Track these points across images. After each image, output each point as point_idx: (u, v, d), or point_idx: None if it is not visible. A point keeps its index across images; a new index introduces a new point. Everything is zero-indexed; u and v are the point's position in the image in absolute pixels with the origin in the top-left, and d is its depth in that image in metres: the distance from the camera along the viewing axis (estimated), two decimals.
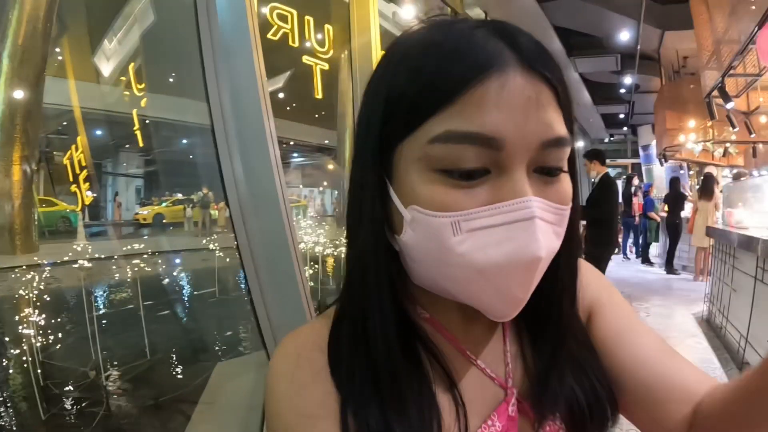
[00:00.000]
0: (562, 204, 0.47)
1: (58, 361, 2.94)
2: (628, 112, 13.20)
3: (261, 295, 2.65)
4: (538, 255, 0.42)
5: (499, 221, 0.43)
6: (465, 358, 0.54)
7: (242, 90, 2.43)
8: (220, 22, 2.37)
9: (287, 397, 0.49)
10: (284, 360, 0.51)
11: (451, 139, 0.43)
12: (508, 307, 0.45)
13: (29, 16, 3.24)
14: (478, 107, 0.42)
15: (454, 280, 0.46)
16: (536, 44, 0.46)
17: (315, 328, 0.54)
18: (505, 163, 0.43)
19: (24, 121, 3.32)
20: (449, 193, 0.44)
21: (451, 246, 0.44)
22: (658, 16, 7.20)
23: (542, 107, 0.44)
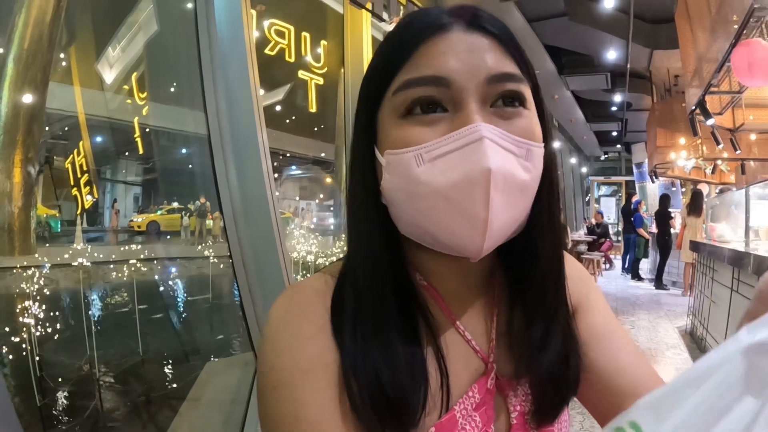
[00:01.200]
0: (526, 138, 0.49)
1: (52, 356, 3.00)
2: (621, 130, 13.34)
3: (251, 298, 2.76)
4: (487, 167, 0.45)
5: (453, 147, 0.47)
6: (455, 328, 0.55)
7: (238, 102, 2.55)
8: (218, 37, 2.50)
9: (286, 349, 0.50)
10: (287, 312, 0.53)
11: (408, 86, 0.49)
12: (475, 231, 0.46)
13: (35, 21, 3.28)
14: (427, 58, 0.49)
15: (424, 212, 0.49)
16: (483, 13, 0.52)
17: (316, 284, 0.55)
18: (457, 99, 0.48)
19: (27, 125, 3.33)
20: (412, 130, 0.49)
21: (416, 176, 0.48)
22: (646, 35, 7.33)
23: (485, 51, 0.49)
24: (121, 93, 4.49)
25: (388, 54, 0.52)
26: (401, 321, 0.51)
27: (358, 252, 0.55)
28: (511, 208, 0.48)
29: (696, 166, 9.33)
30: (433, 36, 0.50)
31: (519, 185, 0.48)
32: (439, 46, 0.49)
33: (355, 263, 0.54)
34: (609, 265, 11.61)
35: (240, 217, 2.64)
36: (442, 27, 0.50)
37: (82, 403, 2.73)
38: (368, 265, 0.53)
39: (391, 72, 0.51)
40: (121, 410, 2.81)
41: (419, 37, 0.50)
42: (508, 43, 0.51)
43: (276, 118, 7.19)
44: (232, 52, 2.53)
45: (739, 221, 4.91)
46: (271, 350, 0.50)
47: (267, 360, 0.50)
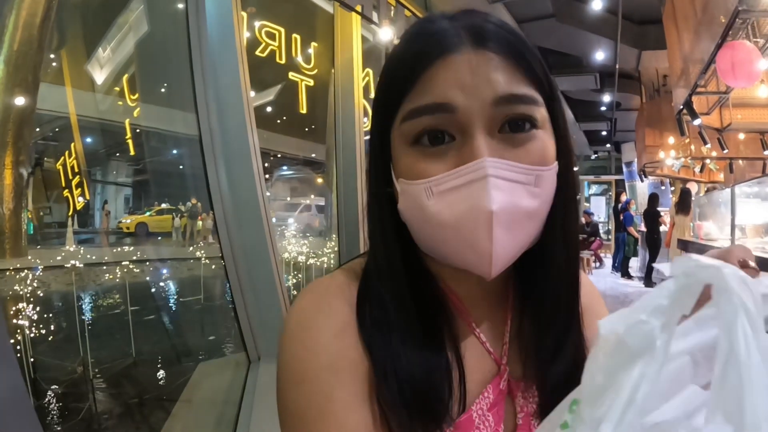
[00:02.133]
0: (535, 164, 0.49)
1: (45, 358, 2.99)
2: (610, 130, 13.43)
3: (242, 299, 2.77)
4: (489, 209, 0.46)
5: (460, 183, 0.47)
6: (470, 329, 0.57)
7: (228, 104, 2.56)
8: (209, 39, 2.51)
9: (312, 345, 0.50)
10: (312, 308, 0.53)
11: (414, 115, 0.49)
12: (482, 259, 0.48)
13: (25, 23, 3.25)
14: (430, 84, 0.48)
15: (437, 239, 0.50)
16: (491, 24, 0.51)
17: (340, 280, 0.56)
18: (464, 126, 0.48)
19: (17, 126, 3.30)
20: (421, 162, 0.49)
21: (427, 207, 0.49)
22: (634, 36, 7.40)
23: (492, 71, 0.48)
24: (112, 94, 4.48)
25: (393, 78, 0.52)
26: (424, 324, 0.53)
27: (379, 261, 0.56)
28: (518, 236, 0.49)
29: (685, 165, 9.42)
30: (438, 58, 0.49)
31: (525, 214, 0.49)
32: (443, 69, 0.48)
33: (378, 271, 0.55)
34: (599, 263, 11.69)
35: (231, 219, 2.65)
36: (448, 47, 0.49)
37: (75, 405, 2.73)
38: (390, 276, 0.54)
39: (398, 99, 0.51)
40: (115, 412, 2.81)
41: (423, 60, 0.49)
42: (519, 58, 0.50)
43: (266, 118, 7.18)
44: (223, 54, 2.55)
45: (726, 219, 4.98)
46: (296, 345, 0.51)
47: (291, 355, 0.50)
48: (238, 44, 2.54)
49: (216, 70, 2.60)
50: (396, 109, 0.51)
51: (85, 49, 4.36)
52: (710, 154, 8.53)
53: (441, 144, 0.49)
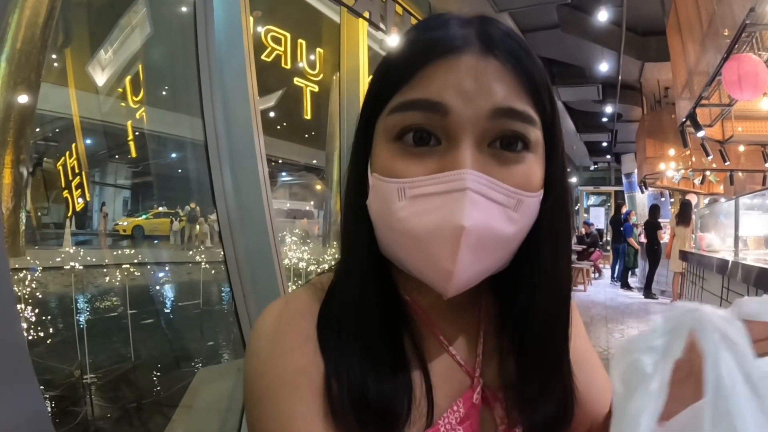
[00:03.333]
0: (519, 187, 0.46)
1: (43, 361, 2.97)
2: (611, 141, 13.48)
3: (245, 304, 2.75)
4: (461, 224, 0.42)
5: (436, 190, 0.44)
6: (438, 342, 0.54)
7: (235, 109, 2.55)
8: (217, 43, 2.50)
9: (271, 362, 0.49)
10: (273, 323, 0.52)
11: (403, 107, 0.46)
12: (440, 278, 0.45)
13: (28, 22, 3.25)
14: (428, 80, 0.45)
15: (399, 246, 0.48)
16: (502, 32, 0.48)
17: (305, 296, 0.55)
18: (453, 132, 0.45)
19: (17, 125, 3.30)
20: (400, 160, 0.46)
21: (395, 210, 0.46)
22: (638, 47, 7.43)
23: (494, 81, 0.45)
24: (115, 96, 4.47)
25: (392, 67, 0.49)
26: (386, 334, 0.50)
27: (346, 264, 0.54)
28: (484, 261, 0.46)
29: (685, 176, 9.44)
30: (440, 57, 0.46)
31: (497, 239, 0.46)
32: (445, 69, 0.46)
33: (343, 276, 0.54)
34: (598, 274, 11.70)
35: (235, 224, 2.63)
36: (454, 48, 0.46)
37: (72, 409, 2.70)
38: (354, 279, 0.52)
39: (392, 88, 0.48)
40: (113, 416, 2.78)
41: (426, 56, 0.46)
42: (526, 74, 0.47)
43: (269, 124, 7.19)
44: (230, 58, 2.54)
45: (727, 231, 4.98)
46: (256, 362, 0.50)
47: (253, 373, 0.50)
48: (246, 48, 2.54)
49: (223, 75, 2.59)
50: (387, 99, 0.48)
51: (89, 49, 4.36)
52: (711, 166, 8.55)
53: (425, 145, 0.46)
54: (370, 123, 0.51)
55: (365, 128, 0.52)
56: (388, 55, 0.51)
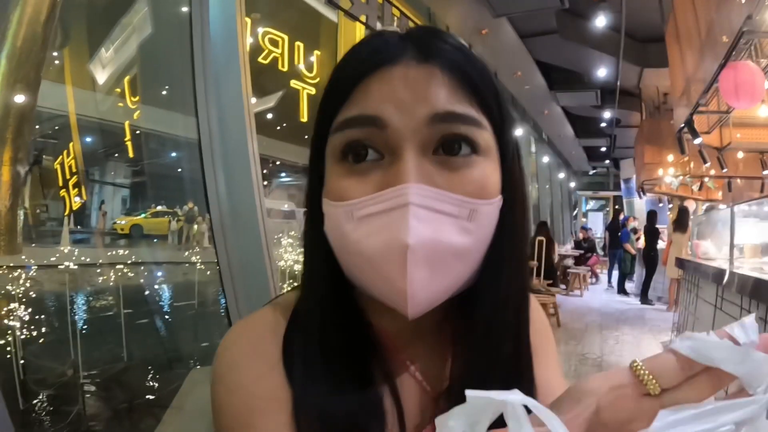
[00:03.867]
0: (471, 195, 0.44)
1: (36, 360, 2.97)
2: (609, 146, 13.49)
3: (236, 306, 2.75)
4: (405, 242, 0.41)
5: (380, 209, 0.43)
6: (404, 368, 0.53)
7: (229, 110, 2.55)
8: (212, 44, 2.50)
9: (240, 387, 0.48)
10: (237, 349, 0.51)
11: (342, 126, 0.45)
12: (398, 299, 0.43)
13: (29, 20, 3.24)
14: (364, 95, 0.45)
15: (356, 269, 0.46)
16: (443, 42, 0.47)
17: (267, 318, 0.53)
18: (394, 145, 0.44)
19: (16, 123, 3.30)
20: (345, 181, 0.45)
21: (347, 233, 0.45)
22: (637, 53, 7.44)
23: (431, 87, 0.44)
24: (113, 95, 4.48)
25: (332, 87, 0.49)
26: (353, 361, 0.49)
27: (309, 291, 0.53)
28: (442, 277, 0.44)
29: (683, 182, 9.44)
30: (375, 70, 0.45)
31: (453, 252, 0.44)
32: (379, 81, 0.45)
33: (306, 304, 0.52)
34: (595, 279, 11.70)
35: (228, 225, 2.64)
36: (387, 59, 0.45)
37: (64, 408, 2.70)
38: (318, 307, 0.51)
39: (333, 109, 0.47)
40: (104, 416, 2.78)
41: (360, 70, 0.46)
42: (465, 77, 0.45)
43: (267, 125, 7.20)
44: (225, 60, 2.54)
45: (724, 238, 4.97)
46: (224, 391, 0.49)
47: (219, 397, 0.49)
48: (241, 50, 2.54)
49: (218, 75, 2.59)
50: (331, 122, 0.47)
51: (88, 48, 4.37)
52: (709, 173, 8.56)
53: (364, 161, 0.45)
54: (319, 149, 0.50)
55: (315, 155, 0.51)
56: (330, 77, 0.50)
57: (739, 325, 0.32)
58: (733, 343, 0.31)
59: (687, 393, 0.31)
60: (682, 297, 5.31)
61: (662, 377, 0.32)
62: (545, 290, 6.24)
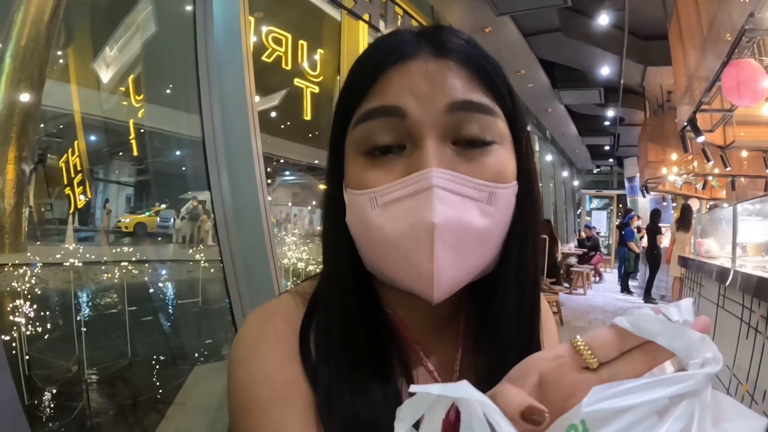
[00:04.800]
0: (491, 180, 0.47)
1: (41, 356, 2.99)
2: (613, 144, 13.46)
3: (240, 303, 2.76)
4: (431, 221, 0.43)
5: (404, 194, 0.45)
6: (417, 358, 0.54)
7: (233, 108, 2.57)
8: (215, 43, 2.52)
9: (260, 374, 0.49)
10: (259, 335, 0.52)
11: (365, 118, 0.47)
12: (423, 282, 0.45)
13: (33, 19, 3.27)
14: (385, 88, 0.47)
15: (380, 257, 0.48)
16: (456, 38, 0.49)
17: (287, 305, 0.55)
18: (414, 134, 0.46)
19: (21, 122, 3.31)
20: (368, 171, 0.47)
21: (370, 220, 0.46)
22: (640, 51, 7.40)
23: (448, 78, 0.47)
24: (117, 93, 4.49)
25: (351, 83, 0.51)
26: (372, 353, 0.50)
27: (329, 282, 0.54)
28: (465, 259, 0.46)
29: (687, 181, 9.42)
30: (394, 64, 0.48)
31: (475, 233, 0.45)
32: (399, 74, 0.47)
33: (326, 295, 0.54)
34: (599, 278, 11.67)
35: (231, 223, 2.65)
36: (405, 55, 0.48)
37: (69, 404, 2.72)
38: (338, 298, 0.52)
39: (354, 103, 0.49)
40: (108, 412, 2.80)
41: (379, 66, 0.48)
42: (480, 69, 0.48)
43: (271, 123, 7.21)
44: (229, 58, 2.56)
45: (727, 237, 4.96)
46: (243, 374, 0.50)
47: (239, 383, 0.50)
48: (245, 49, 2.55)
49: (221, 73, 2.60)
50: (351, 116, 0.50)
51: (91, 47, 4.38)
52: (712, 171, 8.53)
53: (390, 153, 0.48)
54: (339, 142, 0.52)
55: (336, 148, 0.53)
56: (347, 76, 0.52)
57: (675, 305, 0.33)
58: None
59: (625, 367, 0.32)
60: (684, 295, 5.29)
61: (600, 351, 0.33)
62: (548, 288, 6.24)
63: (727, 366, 3.18)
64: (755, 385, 2.66)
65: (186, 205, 6.50)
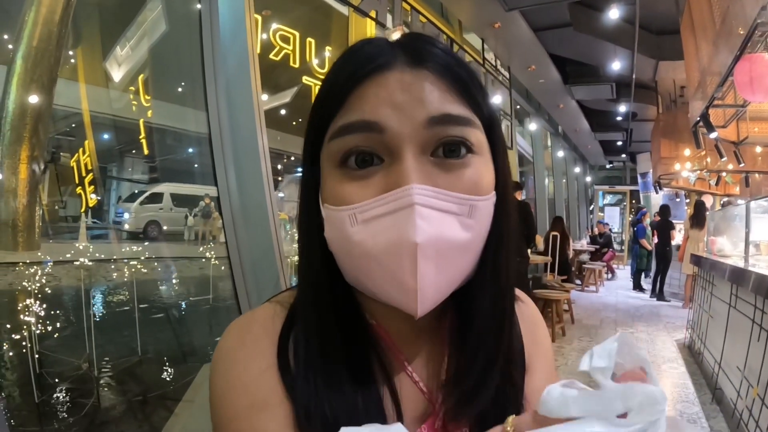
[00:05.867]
0: (469, 192, 0.46)
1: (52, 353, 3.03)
2: (626, 140, 13.33)
3: (248, 300, 2.78)
4: (414, 241, 0.42)
5: (385, 211, 0.44)
6: (402, 368, 0.54)
7: (239, 107, 2.58)
8: (221, 42, 2.52)
9: (240, 385, 0.49)
10: (238, 345, 0.52)
11: (341, 132, 0.46)
12: (407, 298, 0.45)
13: (45, 20, 3.29)
14: (361, 101, 0.46)
15: (361, 272, 0.47)
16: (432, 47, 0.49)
17: (266, 315, 0.54)
18: (393, 148, 0.45)
19: (34, 121, 3.35)
20: (347, 186, 0.46)
21: (350, 236, 0.46)
22: (652, 46, 7.33)
23: (426, 90, 0.46)
24: (127, 92, 4.53)
25: (325, 97, 0.49)
26: (353, 362, 0.50)
27: (306, 295, 0.53)
28: (447, 272, 0.46)
29: (700, 177, 9.31)
30: (370, 76, 0.47)
31: (457, 247, 0.46)
32: (375, 86, 0.46)
33: (304, 307, 0.53)
34: (611, 274, 11.58)
35: (239, 220, 2.66)
36: (380, 65, 0.47)
37: (79, 400, 2.75)
38: (316, 311, 0.52)
39: (328, 115, 0.48)
40: (118, 408, 2.83)
41: (355, 77, 0.47)
42: (456, 79, 0.48)
43: (283, 120, 7.25)
44: (235, 56, 2.56)
45: (740, 235, 4.90)
46: (223, 383, 0.50)
47: (220, 393, 0.50)
48: (250, 46, 2.56)
49: (228, 72, 2.62)
50: (326, 127, 0.48)
51: (101, 46, 4.42)
52: (726, 167, 8.43)
53: (368, 166, 0.46)
54: (314, 155, 0.51)
55: (310, 160, 0.52)
56: (321, 85, 0.51)
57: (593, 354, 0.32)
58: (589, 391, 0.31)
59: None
60: (696, 294, 5.24)
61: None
62: (559, 286, 6.19)
63: (738, 368, 3.14)
64: (766, 389, 2.61)
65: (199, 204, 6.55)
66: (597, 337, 5.51)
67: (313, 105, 0.52)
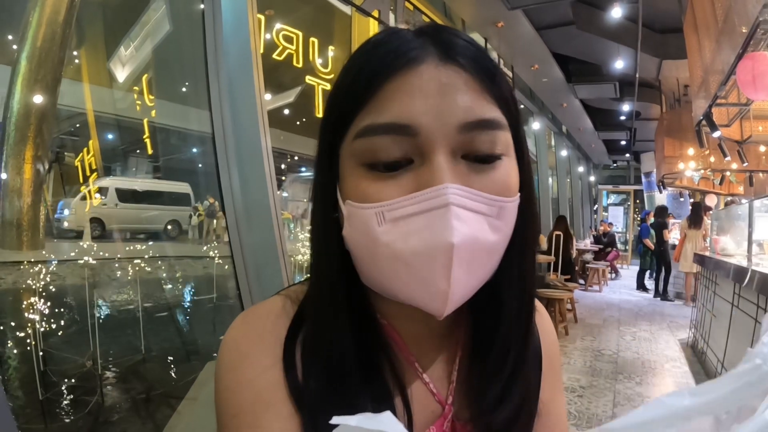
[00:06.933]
0: (499, 194, 0.45)
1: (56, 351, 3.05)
2: (629, 139, 13.29)
3: (251, 299, 2.79)
4: (450, 242, 0.41)
5: (417, 210, 0.43)
6: (413, 369, 0.53)
7: (242, 107, 2.58)
8: (224, 42, 2.53)
9: (246, 379, 0.48)
10: (245, 339, 0.51)
11: (370, 133, 0.44)
12: (435, 299, 0.44)
13: (48, 20, 3.30)
14: (392, 99, 0.44)
15: (385, 272, 0.46)
16: (460, 39, 0.47)
17: (275, 308, 0.53)
18: (425, 150, 0.44)
19: (38, 122, 3.35)
20: (373, 184, 0.44)
21: (377, 236, 0.44)
22: (655, 44, 7.29)
23: (461, 92, 0.44)
24: (131, 92, 4.55)
25: (348, 90, 0.47)
26: (364, 362, 0.49)
27: (318, 292, 0.52)
28: (476, 273, 0.45)
29: (704, 176, 9.28)
30: (399, 71, 0.44)
31: (486, 249, 0.45)
32: (406, 84, 0.44)
33: (315, 305, 0.52)
34: (615, 274, 11.56)
35: (242, 220, 2.67)
36: (410, 60, 0.44)
37: (83, 398, 2.77)
38: (328, 309, 0.50)
39: (352, 113, 0.46)
40: (122, 406, 2.85)
41: (383, 72, 0.44)
42: (488, 78, 0.46)
43: (285, 120, 7.27)
44: (238, 56, 2.57)
45: (744, 234, 4.88)
46: (230, 377, 0.49)
47: (225, 387, 0.49)
48: (253, 46, 2.57)
49: (231, 71, 2.62)
50: (349, 123, 0.46)
51: (104, 47, 4.43)
52: (730, 167, 8.40)
53: (398, 167, 0.45)
54: (333, 149, 0.49)
55: (329, 155, 0.49)
56: (341, 77, 0.49)
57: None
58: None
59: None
60: (699, 293, 5.23)
61: None
62: (562, 285, 6.19)
63: None
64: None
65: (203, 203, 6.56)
66: (600, 336, 5.50)
67: (330, 97, 0.50)
